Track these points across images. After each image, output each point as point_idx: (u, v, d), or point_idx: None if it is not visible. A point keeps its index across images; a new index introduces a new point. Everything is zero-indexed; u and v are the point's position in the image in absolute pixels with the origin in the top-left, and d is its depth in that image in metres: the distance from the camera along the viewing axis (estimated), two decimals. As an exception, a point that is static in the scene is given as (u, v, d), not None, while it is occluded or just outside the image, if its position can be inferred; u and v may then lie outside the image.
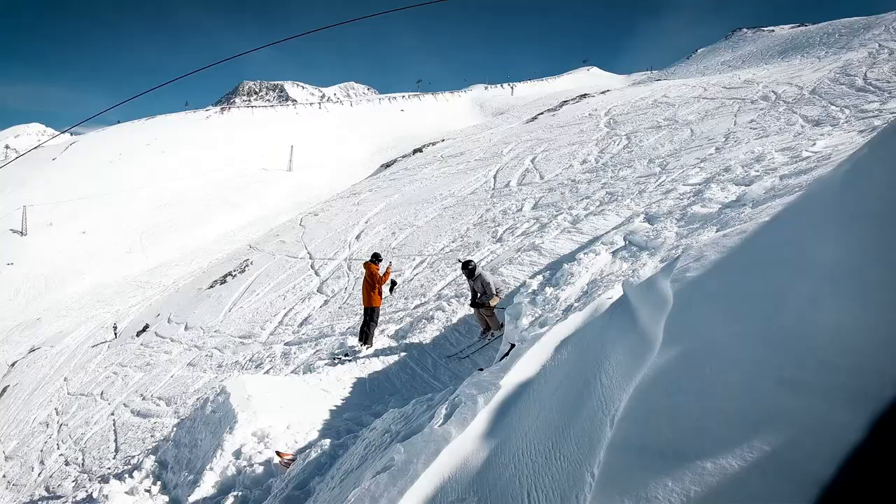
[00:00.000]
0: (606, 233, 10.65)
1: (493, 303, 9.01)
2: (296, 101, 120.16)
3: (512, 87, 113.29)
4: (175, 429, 8.56)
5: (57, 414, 15.91)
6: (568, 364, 3.01)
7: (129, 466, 8.33)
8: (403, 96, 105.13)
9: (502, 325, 8.65)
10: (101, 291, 34.45)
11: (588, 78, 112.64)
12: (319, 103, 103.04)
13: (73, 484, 10.75)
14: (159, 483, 6.98)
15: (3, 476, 14.44)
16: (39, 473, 12.96)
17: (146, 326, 20.77)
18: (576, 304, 6.95)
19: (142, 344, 18.45)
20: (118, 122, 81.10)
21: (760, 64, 40.43)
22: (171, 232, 44.99)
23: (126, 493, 6.69)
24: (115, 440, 11.80)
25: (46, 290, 37.72)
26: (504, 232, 14.78)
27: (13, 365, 25.51)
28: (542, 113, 41.29)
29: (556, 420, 2.45)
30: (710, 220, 8.48)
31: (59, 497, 10.35)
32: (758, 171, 10.60)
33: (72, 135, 72.19)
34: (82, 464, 11.65)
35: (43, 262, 41.19)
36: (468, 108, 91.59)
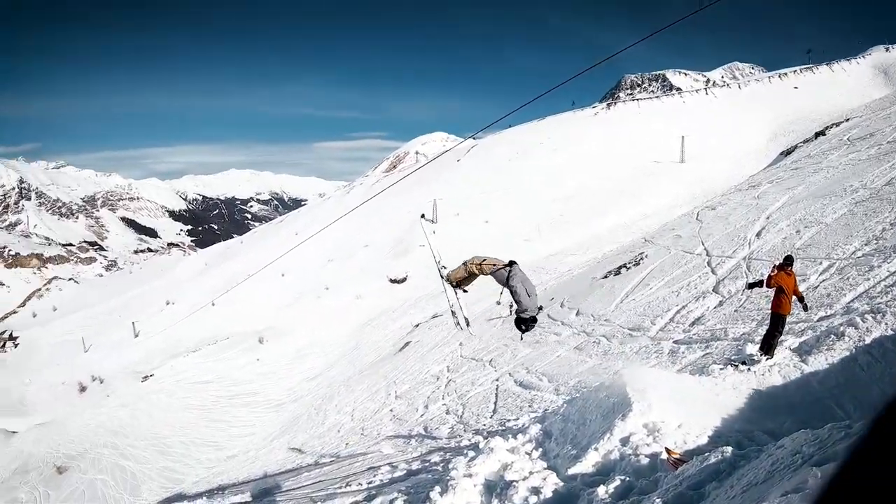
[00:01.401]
0: None
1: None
2: (680, 89, 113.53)
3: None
4: (566, 405, 8.62)
5: (448, 371, 17.30)
6: None
7: (505, 428, 8.39)
8: (794, 71, 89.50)
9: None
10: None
11: None
12: (705, 89, 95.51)
13: (449, 430, 11.28)
14: (540, 450, 7.08)
15: (391, 410, 16.47)
16: (422, 415, 14.22)
17: (540, 308, 21.46)
18: None
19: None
20: (510, 126, 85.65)
21: None
22: (566, 223, 46.85)
23: (508, 450, 6.93)
24: (495, 403, 12.12)
25: (450, 268, 42.92)
26: (934, 237, 11.64)
27: (417, 325, 29.11)
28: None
29: None
30: None
31: (434, 437, 10.94)
32: None
33: (474, 139, 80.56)
34: (461, 416, 12.22)
35: (451, 246, 46.79)
36: (870, 77, 74.44)
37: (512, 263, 8.07)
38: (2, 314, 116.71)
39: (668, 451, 6.09)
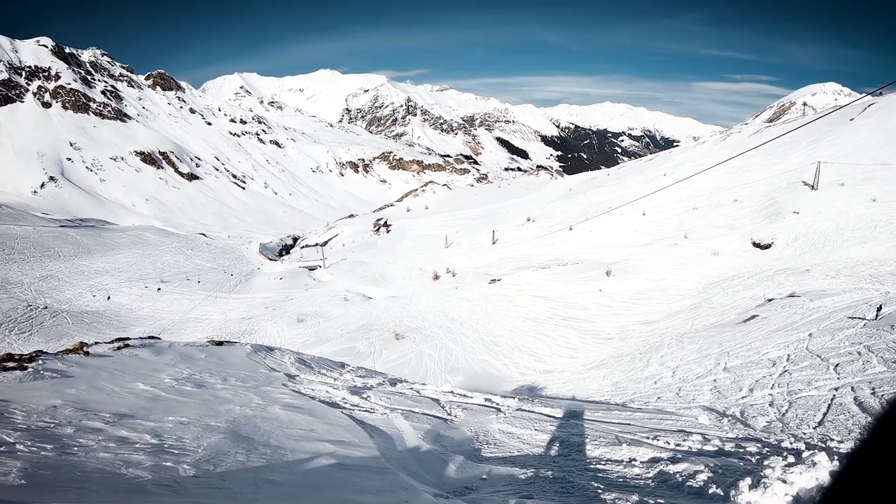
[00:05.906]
0: None
1: None
2: None
3: None
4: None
5: (787, 360, 16.27)
6: None
7: (825, 447, 7.86)
8: None
9: None
10: (877, 267, 32.18)
11: None
12: None
13: (765, 424, 10.93)
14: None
15: (714, 381, 16.30)
16: (744, 396, 13.90)
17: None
18: None
19: (894, 340, 16.54)
20: (933, 84, 68.63)
21: None
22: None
23: (829, 472, 6.26)
24: (824, 414, 11.27)
25: (822, 245, 38.01)
26: None
27: (770, 300, 27.10)
28: None
29: None
30: None
31: (748, 425, 10.81)
32: None
33: (874, 96, 67.25)
34: (783, 413, 11.75)
35: (825, 219, 41.48)
36: None
37: None
38: (382, 205, 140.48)
39: None
